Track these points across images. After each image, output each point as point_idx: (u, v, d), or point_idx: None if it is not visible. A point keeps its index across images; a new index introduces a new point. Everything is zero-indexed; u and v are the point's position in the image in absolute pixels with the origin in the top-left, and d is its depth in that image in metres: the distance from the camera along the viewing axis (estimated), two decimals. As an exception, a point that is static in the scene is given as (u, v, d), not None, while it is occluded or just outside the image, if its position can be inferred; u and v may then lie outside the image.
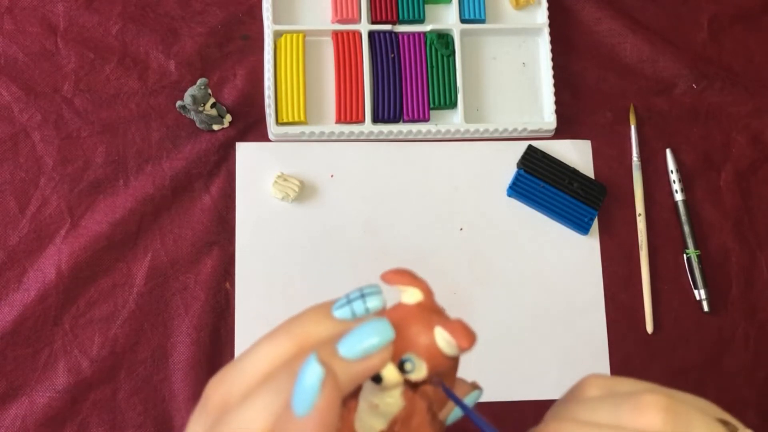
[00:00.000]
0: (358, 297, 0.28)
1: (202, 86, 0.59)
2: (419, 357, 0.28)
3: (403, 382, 0.29)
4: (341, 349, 0.26)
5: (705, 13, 0.73)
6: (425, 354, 0.28)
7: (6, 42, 0.65)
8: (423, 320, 0.29)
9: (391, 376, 0.28)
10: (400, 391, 0.29)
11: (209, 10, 0.67)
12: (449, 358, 0.29)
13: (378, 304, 0.28)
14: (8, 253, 0.60)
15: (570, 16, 0.72)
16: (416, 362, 0.28)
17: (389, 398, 0.29)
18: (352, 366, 0.26)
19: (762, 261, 0.68)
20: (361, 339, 0.27)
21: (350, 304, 0.28)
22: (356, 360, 0.26)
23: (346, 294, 0.29)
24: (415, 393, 0.29)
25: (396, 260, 0.64)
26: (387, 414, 0.29)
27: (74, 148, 0.63)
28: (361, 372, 0.27)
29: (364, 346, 0.26)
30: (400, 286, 0.30)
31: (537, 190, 0.66)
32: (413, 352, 0.28)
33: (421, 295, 0.30)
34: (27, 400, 0.58)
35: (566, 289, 0.65)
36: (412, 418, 0.29)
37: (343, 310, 0.28)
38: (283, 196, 0.63)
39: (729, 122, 0.71)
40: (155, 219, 0.62)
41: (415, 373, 0.28)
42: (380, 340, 0.27)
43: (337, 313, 0.28)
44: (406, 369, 0.28)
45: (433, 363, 0.28)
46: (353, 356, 0.26)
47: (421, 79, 0.66)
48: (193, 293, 0.61)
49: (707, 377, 0.65)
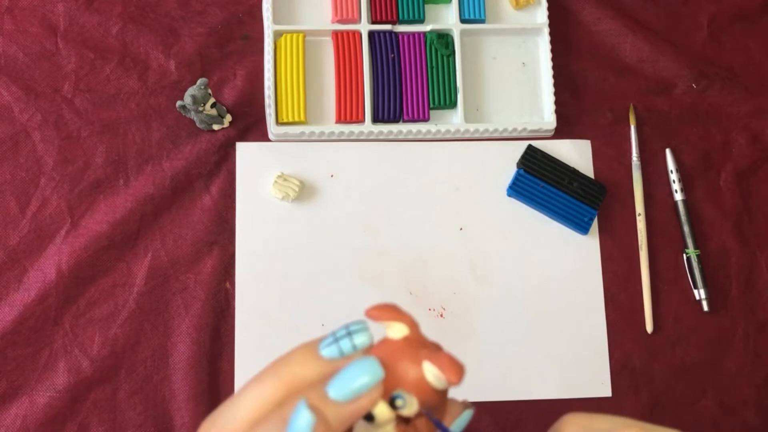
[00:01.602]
0: (344, 335, 0.28)
1: (202, 86, 0.59)
2: (409, 393, 0.28)
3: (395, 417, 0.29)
4: (331, 392, 0.26)
5: (705, 13, 0.73)
6: (415, 389, 0.28)
7: (6, 42, 0.65)
8: (411, 355, 0.28)
9: (382, 413, 0.28)
10: (392, 425, 0.29)
11: (209, 10, 0.67)
12: (439, 391, 0.29)
13: (365, 341, 0.28)
14: (8, 253, 0.60)
15: (570, 16, 0.72)
16: (407, 398, 0.28)
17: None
18: (343, 408, 0.26)
19: (762, 261, 0.68)
20: (350, 380, 0.26)
21: (337, 342, 0.28)
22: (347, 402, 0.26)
23: (333, 332, 0.29)
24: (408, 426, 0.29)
25: (396, 260, 0.64)
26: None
27: (74, 148, 0.63)
28: (353, 413, 0.26)
29: (354, 387, 0.26)
30: (386, 322, 0.30)
31: (537, 189, 0.66)
32: (403, 389, 0.28)
33: (407, 330, 0.29)
34: (27, 400, 0.58)
35: (566, 288, 0.65)
36: None
37: (330, 348, 0.28)
38: (283, 196, 0.63)
39: (729, 122, 0.71)
40: (155, 219, 0.62)
41: (406, 408, 0.28)
42: (370, 379, 0.27)
43: (324, 352, 0.28)
44: (397, 405, 0.28)
45: (423, 397, 0.28)
46: (343, 398, 0.26)
47: (421, 79, 0.66)
48: (193, 293, 0.61)
49: (707, 377, 0.65)
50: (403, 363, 0.28)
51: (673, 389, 0.64)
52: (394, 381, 0.28)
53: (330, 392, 0.26)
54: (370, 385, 0.27)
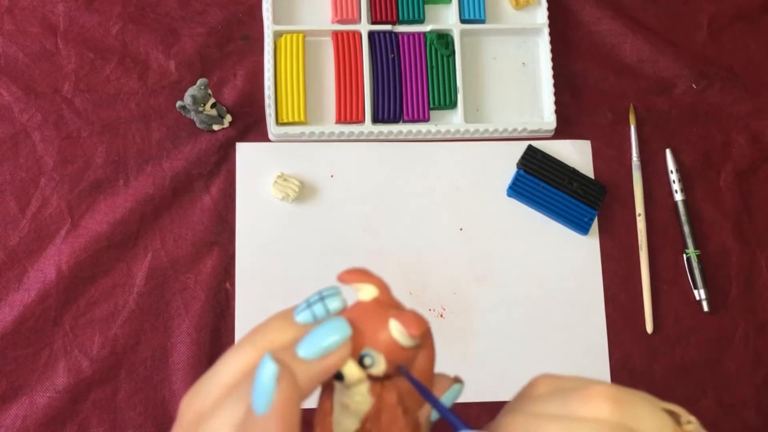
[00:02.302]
0: (317, 300, 0.29)
1: (202, 86, 0.59)
2: (377, 350, 0.29)
3: (366, 378, 0.29)
4: (300, 351, 0.27)
5: (705, 13, 0.73)
6: (382, 347, 0.29)
7: (6, 42, 0.65)
8: (378, 315, 0.29)
9: (351, 372, 0.29)
10: (366, 388, 0.30)
11: (209, 10, 0.67)
12: (406, 348, 0.29)
13: (338, 305, 0.29)
14: (8, 253, 0.60)
15: (570, 16, 0.72)
16: (375, 356, 0.29)
17: (357, 396, 0.30)
18: (312, 365, 0.27)
19: (762, 261, 0.68)
20: (318, 339, 0.27)
21: (310, 307, 0.29)
22: (315, 359, 0.27)
23: (306, 298, 0.29)
24: (383, 389, 0.30)
25: (396, 260, 0.64)
26: (358, 413, 0.30)
27: (74, 148, 0.63)
28: (322, 370, 0.27)
29: (322, 345, 0.27)
30: (356, 285, 0.30)
31: (537, 190, 0.66)
32: (370, 347, 0.29)
33: (377, 291, 0.30)
34: (27, 400, 0.58)
35: (566, 289, 0.65)
36: (382, 414, 0.30)
37: (304, 314, 0.29)
38: (283, 196, 0.63)
39: (729, 122, 0.71)
40: (155, 219, 0.62)
41: (375, 367, 0.29)
42: (337, 337, 0.27)
43: (298, 317, 0.29)
44: (366, 364, 0.29)
45: (390, 355, 0.29)
46: (312, 356, 0.27)
47: (421, 79, 0.66)
48: (193, 293, 0.61)
49: (707, 377, 0.65)
50: (371, 322, 0.29)
51: (673, 389, 0.64)
52: (363, 340, 0.29)
53: (299, 351, 0.27)
54: (338, 343, 0.27)
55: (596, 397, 0.27)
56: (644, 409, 0.27)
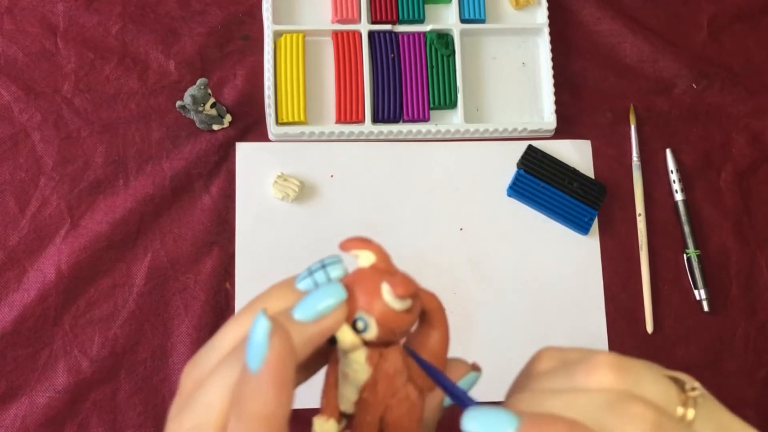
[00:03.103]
0: (319, 268, 0.29)
1: (202, 86, 0.59)
2: (369, 315, 0.29)
3: (362, 345, 0.29)
4: (296, 313, 0.27)
5: (705, 13, 0.73)
6: (373, 310, 0.29)
7: (6, 42, 0.65)
8: (373, 280, 0.29)
9: (345, 336, 0.29)
10: (363, 356, 0.29)
11: (209, 10, 0.67)
12: (398, 312, 0.29)
13: (339, 273, 0.29)
14: (8, 253, 0.60)
15: (570, 16, 0.72)
16: (367, 320, 0.29)
17: (355, 364, 0.30)
18: (307, 328, 0.27)
19: (762, 261, 0.68)
20: (314, 302, 0.28)
21: (312, 275, 0.29)
22: (310, 322, 0.27)
23: (308, 266, 0.30)
24: (381, 358, 0.30)
25: (396, 260, 0.64)
26: (356, 382, 0.30)
27: (74, 148, 0.63)
28: (317, 333, 0.27)
29: (317, 308, 0.27)
30: (355, 251, 0.31)
31: (537, 190, 0.66)
32: (363, 311, 0.29)
33: (375, 257, 0.30)
34: (27, 401, 0.58)
35: (566, 289, 0.65)
36: (378, 384, 0.30)
37: (306, 281, 0.29)
38: (283, 196, 0.63)
39: (729, 122, 0.71)
40: (155, 219, 0.62)
41: (368, 332, 0.29)
42: (332, 301, 0.28)
43: (300, 285, 0.29)
44: (359, 328, 0.29)
45: (382, 319, 0.29)
46: (307, 318, 0.27)
47: (421, 79, 0.66)
48: (193, 293, 0.61)
49: (707, 377, 0.65)
50: (366, 287, 0.29)
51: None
52: (357, 304, 0.29)
53: (295, 314, 0.27)
54: (333, 305, 0.28)
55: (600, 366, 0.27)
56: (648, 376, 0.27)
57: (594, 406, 0.25)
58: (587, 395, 0.26)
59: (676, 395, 0.27)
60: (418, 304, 0.30)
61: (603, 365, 0.26)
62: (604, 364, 0.26)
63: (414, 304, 0.29)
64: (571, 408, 0.26)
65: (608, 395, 0.26)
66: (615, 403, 0.25)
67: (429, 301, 0.32)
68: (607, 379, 0.26)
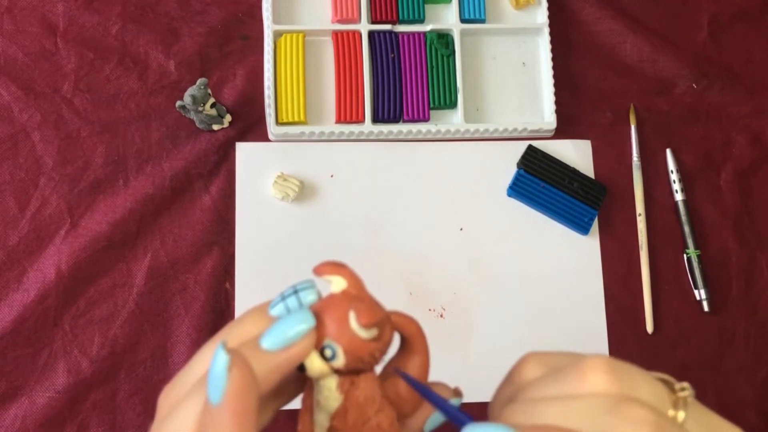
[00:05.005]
0: (291, 293, 0.29)
1: (202, 86, 0.59)
2: (337, 343, 0.28)
3: (333, 373, 0.29)
4: (263, 342, 0.27)
5: (705, 13, 0.73)
6: (341, 338, 0.28)
7: (6, 42, 0.65)
8: (341, 306, 0.29)
9: (314, 365, 0.28)
10: (334, 383, 0.29)
11: (209, 10, 0.67)
12: (365, 341, 0.29)
13: (312, 298, 0.29)
14: (8, 253, 0.60)
15: (570, 16, 0.72)
16: (335, 348, 0.28)
17: (326, 391, 0.29)
18: (275, 356, 0.27)
19: (762, 261, 0.68)
20: (281, 330, 0.27)
21: (284, 300, 0.29)
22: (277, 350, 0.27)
23: (281, 292, 0.30)
24: (352, 386, 0.30)
25: (396, 260, 0.64)
26: (328, 409, 0.30)
27: (74, 148, 0.63)
28: (285, 361, 0.27)
29: (285, 336, 0.27)
30: (327, 276, 0.30)
31: (537, 190, 0.66)
32: (331, 338, 0.28)
33: (346, 283, 0.30)
34: (27, 401, 0.58)
35: (566, 289, 0.65)
36: (348, 412, 0.29)
37: (278, 307, 0.29)
38: (283, 196, 0.63)
39: (729, 122, 0.71)
40: (155, 219, 0.62)
41: (336, 360, 0.29)
42: (300, 328, 0.27)
43: (272, 311, 0.29)
44: (326, 356, 0.29)
45: (349, 347, 0.28)
46: (274, 347, 0.27)
47: (421, 79, 0.66)
48: (193, 293, 0.61)
49: (707, 377, 0.65)
50: (335, 314, 0.29)
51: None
52: (325, 331, 0.29)
53: (262, 342, 0.27)
54: (300, 333, 0.27)
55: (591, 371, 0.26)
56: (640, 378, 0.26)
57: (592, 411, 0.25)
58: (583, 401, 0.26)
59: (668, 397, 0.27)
60: (388, 332, 0.30)
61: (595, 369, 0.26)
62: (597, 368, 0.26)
63: (382, 332, 0.29)
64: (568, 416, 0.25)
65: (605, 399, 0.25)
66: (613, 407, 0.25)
67: (408, 326, 0.31)
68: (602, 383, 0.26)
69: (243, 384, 0.25)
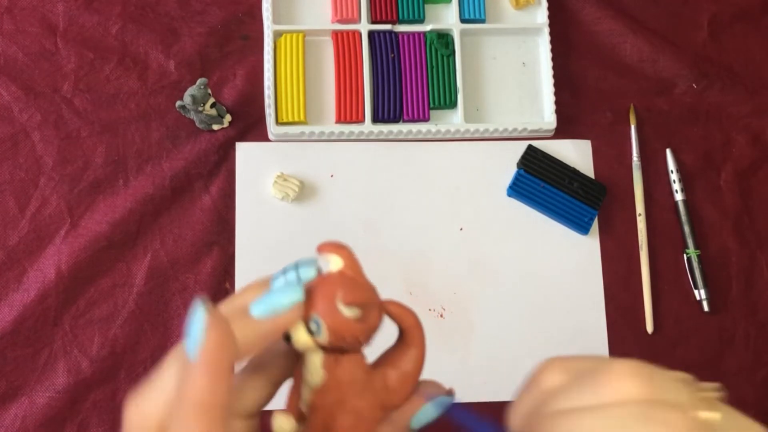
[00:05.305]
0: (292, 268, 0.30)
1: (202, 86, 0.59)
2: (321, 318, 0.29)
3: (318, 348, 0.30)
4: (252, 310, 0.28)
5: (705, 13, 0.73)
6: (325, 315, 0.29)
7: (6, 42, 0.65)
8: (333, 284, 0.30)
9: (299, 337, 0.29)
10: (319, 360, 0.30)
11: (209, 10, 0.67)
12: (348, 319, 0.29)
13: (310, 274, 0.30)
14: (8, 253, 0.60)
15: (570, 16, 0.72)
16: (320, 323, 0.29)
17: (311, 366, 0.30)
18: (261, 324, 0.28)
19: (762, 261, 0.68)
20: (270, 300, 0.29)
21: (285, 274, 0.30)
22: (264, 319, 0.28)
23: (284, 266, 0.31)
24: (337, 365, 0.30)
25: (396, 260, 0.64)
26: (311, 385, 0.30)
27: (74, 148, 0.63)
28: (269, 330, 0.28)
29: (272, 307, 0.28)
30: (327, 255, 0.31)
31: (537, 190, 0.66)
32: (317, 314, 0.29)
33: (342, 263, 0.30)
34: (27, 401, 0.58)
35: (566, 289, 0.65)
36: (329, 391, 0.30)
37: (279, 280, 0.30)
38: (283, 196, 0.63)
39: (729, 122, 0.71)
40: (155, 219, 0.62)
41: (320, 335, 0.29)
42: (288, 300, 0.28)
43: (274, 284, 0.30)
44: (311, 329, 0.29)
45: (332, 323, 0.29)
46: (261, 315, 0.28)
47: (421, 79, 0.66)
48: (193, 293, 0.61)
49: (707, 377, 0.65)
50: (325, 291, 0.29)
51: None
52: (314, 307, 0.29)
53: (252, 310, 0.28)
54: (287, 305, 0.28)
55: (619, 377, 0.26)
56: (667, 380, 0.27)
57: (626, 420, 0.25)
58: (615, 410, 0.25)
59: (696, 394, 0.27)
60: (375, 316, 0.30)
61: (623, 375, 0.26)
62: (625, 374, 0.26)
63: (368, 314, 0.30)
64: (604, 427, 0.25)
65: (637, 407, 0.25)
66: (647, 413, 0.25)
67: (405, 317, 0.32)
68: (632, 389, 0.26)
69: (220, 341, 0.26)
